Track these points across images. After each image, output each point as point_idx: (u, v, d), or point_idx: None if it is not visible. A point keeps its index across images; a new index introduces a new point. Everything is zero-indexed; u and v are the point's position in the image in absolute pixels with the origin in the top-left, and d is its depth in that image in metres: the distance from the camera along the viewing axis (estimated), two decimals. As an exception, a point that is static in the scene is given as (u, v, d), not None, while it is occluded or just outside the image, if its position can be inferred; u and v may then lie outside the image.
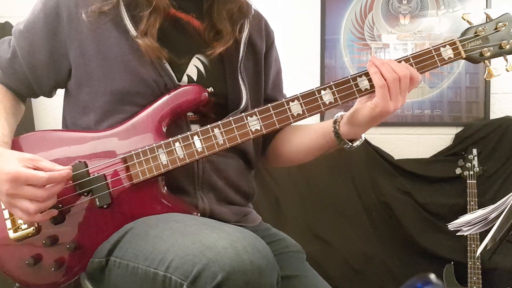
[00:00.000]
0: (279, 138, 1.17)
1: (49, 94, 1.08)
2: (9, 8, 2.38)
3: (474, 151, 2.21)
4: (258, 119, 0.94)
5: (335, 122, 1.03)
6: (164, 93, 0.96)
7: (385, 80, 0.91)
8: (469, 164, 2.20)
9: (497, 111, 2.36)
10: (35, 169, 0.86)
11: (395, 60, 0.96)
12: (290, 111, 0.95)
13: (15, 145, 0.98)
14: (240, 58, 1.05)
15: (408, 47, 2.39)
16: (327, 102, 0.95)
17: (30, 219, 0.88)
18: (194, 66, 1.02)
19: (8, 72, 1.04)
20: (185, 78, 1.00)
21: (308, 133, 1.11)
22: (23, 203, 0.85)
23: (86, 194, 0.93)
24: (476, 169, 2.18)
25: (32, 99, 2.15)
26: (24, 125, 1.14)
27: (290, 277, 1.00)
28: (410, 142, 2.42)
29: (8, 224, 0.94)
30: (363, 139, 1.03)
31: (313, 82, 2.36)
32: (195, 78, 1.01)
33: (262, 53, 1.13)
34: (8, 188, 0.84)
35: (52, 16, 0.98)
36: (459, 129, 2.36)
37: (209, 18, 1.05)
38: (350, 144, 1.02)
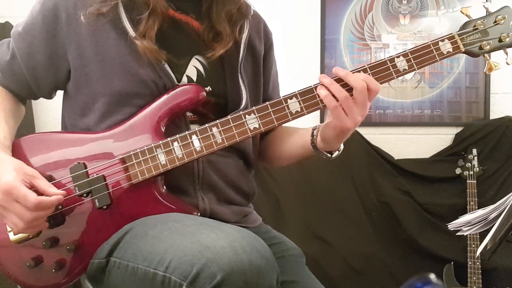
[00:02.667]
0: (267, 139, 1.18)
1: (49, 95, 1.08)
2: (9, 8, 2.38)
3: (474, 151, 2.22)
4: (256, 117, 0.94)
5: (312, 135, 1.03)
6: (163, 94, 0.96)
7: (337, 100, 0.91)
8: (469, 164, 2.20)
9: (497, 111, 2.36)
10: (31, 186, 0.86)
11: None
12: (289, 109, 0.94)
13: (16, 147, 0.98)
14: (240, 59, 1.05)
15: (408, 47, 2.37)
16: None
17: (19, 231, 0.89)
18: (194, 67, 1.02)
19: (8, 74, 1.04)
20: (184, 79, 1.00)
21: (289, 141, 1.12)
22: (12, 217, 0.86)
23: (85, 195, 0.93)
24: (476, 169, 2.18)
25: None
26: (25, 126, 1.14)
27: (288, 282, 1.00)
28: (410, 142, 2.42)
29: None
30: (342, 149, 1.03)
31: (313, 82, 2.36)
32: (194, 79, 1.01)
33: (261, 54, 1.13)
34: (0, 198, 0.85)
35: (51, 18, 0.98)
36: (459, 129, 2.36)
37: (208, 19, 1.05)
38: (329, 155, 1.02)
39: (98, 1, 0.96)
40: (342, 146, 1.03)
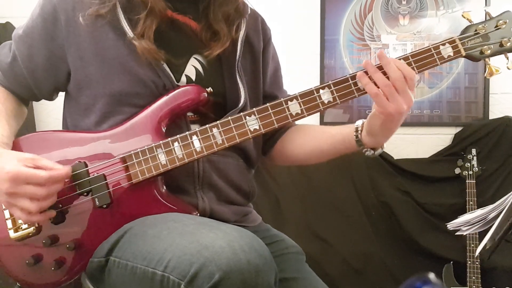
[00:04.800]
0: (288, 138, 1.17)
1: (50, 97, 1.09)
2: (10, 8, 2.38)
3: (473, 151, 2.22)
4: (256, 118, 0.94)
5: (356, 130, 1.02)
6: (163, 93, 0.97)
7: (378, 87, 0.91)
8: (468, 164, 2.20)
9: (496, 111, 2.36)
10: (35, 168, 0.86)
11: (395, 58, 0.96)
12: (289, 111, 0.95)
13: (16, 146, 0.99)
14: (237, 57, 1.05)
15: (408, 47, 2.39)
16: (325, 101, 0.95)
17: (29, 219, 0.88)
18: (192, 67, 1.02)
19: (9, 76, 1.05)
20: (183, 79, 1.01)
21: (324, 137, 1.10)
22: (23, 202, 0.85)
23: (86, 194, 0.93)
24: (475, 169, 2.18)
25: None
26: (26, 125, 1.14)
27: (289, 279, 1.00)
28: (409, 142, 2.42)
29: (9, 224, 0.94)
30: (384, 147, 1.03)
31: (313, 83, 2.35)
32: (193, 78, 1.02)
33: (259, 51, 1.13)
34: (8, 187, 0.85)
35: (50, 21, 0.99)
36: (458, 129, 2.37)
37: (205, 19, 1.05)
38: (373, 152, 1.02)
39: (96, 2, 0.97)
40: (385, 146, 1.02)
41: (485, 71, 1.01)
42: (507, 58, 0.99)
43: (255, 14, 1.17)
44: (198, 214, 0.96)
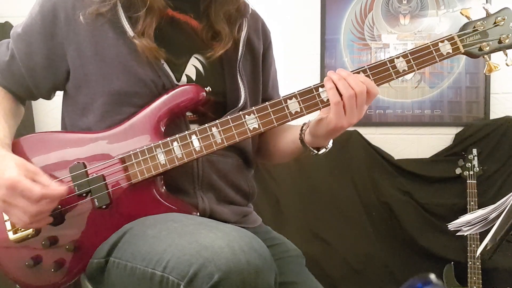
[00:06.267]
0: (263, 136, 1.18)
1: (48, 96, 1.08)
2: (9, 8, 2.38)
3: (474, 151, 2.21)
4: (256, 117, 0.94)
5: (301, 130, 1.03)
6: (163, 93, 0.96)
7: (340, 96, 0.91)
8: (469, 164, 2.20)
9: (497, 111, 2.36)
10: (32, 181, 0.85)
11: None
12: (288, 109, 0.95)
13: (15, 147, 0.98)
14: (239, 58, 1.05)
15: (408, 47, 2.39)
16: (325, 100, 0.95)
17: (24, 226, 0.89)
18: (193, 66, 1.02)
19: (7, 75, 1.04)
20: (184, 78, 1.00)
21: (283, 137, 1.12)
22: (16, 211, 0.85)
23: (85, 194, 0.93)
24: (476, 169, 2.18)
25: (32, 100, 2.15)
26: (24, 125, 1.14)
27: (288, 283, 1.00)
28: (410, 142, 2.42)
29: (8, 225, 0.94)
30: (330, 146, 1.03)
31: (313, 82, 2.36)
32: (194, 78, 1.02)
33: (259, 53, 1.13)
34: (4, 193, 0.84)
35: (49, 19, 0.98)
36: (459, 129, 2.36)
37: (206, 19, 1.05)
38: (316, 152, 1.02)
39: (96, 1, 0.97)
40: (330, 144, 1.03)
41: (484, 68, 1.02)
42: (506, 55, 1.00)
43: (256, 15, 1.17)
44: (198, 214, 0.95)
